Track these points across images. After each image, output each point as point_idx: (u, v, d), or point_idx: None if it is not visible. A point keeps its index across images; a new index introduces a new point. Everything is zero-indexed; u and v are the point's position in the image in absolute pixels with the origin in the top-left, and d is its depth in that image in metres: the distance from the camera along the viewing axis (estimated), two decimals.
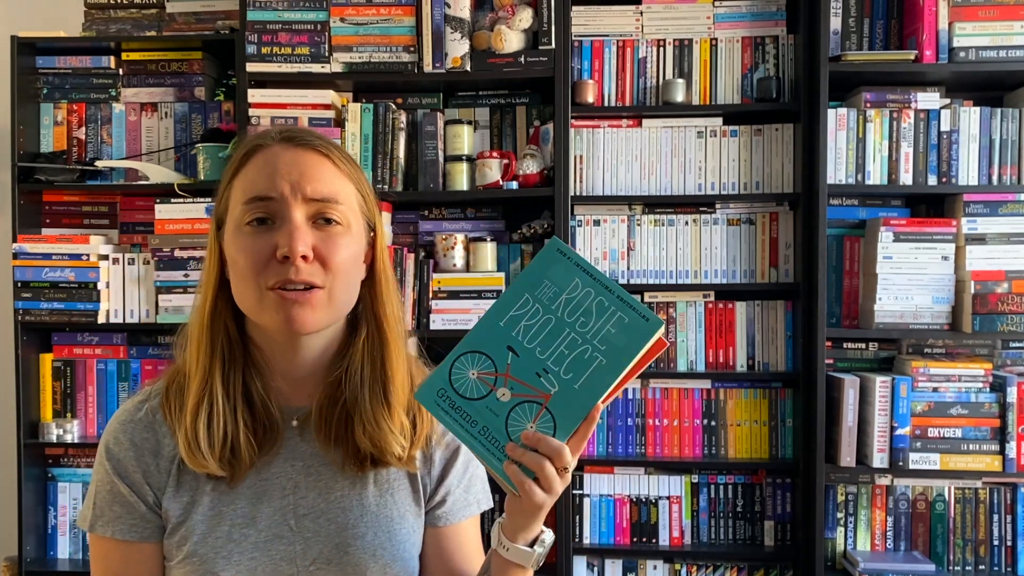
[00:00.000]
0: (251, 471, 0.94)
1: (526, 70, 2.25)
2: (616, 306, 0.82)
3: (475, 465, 1.03)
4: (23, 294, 2.30)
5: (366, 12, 2.26)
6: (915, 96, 2.24)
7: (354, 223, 0.93)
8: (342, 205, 0.92)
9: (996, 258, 2.19)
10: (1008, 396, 2.16)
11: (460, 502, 1.01)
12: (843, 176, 2.24)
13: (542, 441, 0.80)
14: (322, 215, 0.91)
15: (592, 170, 2.36)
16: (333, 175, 0.93)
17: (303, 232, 0.88)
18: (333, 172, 0.93)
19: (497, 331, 0.83)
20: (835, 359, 2.35)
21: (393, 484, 0.98)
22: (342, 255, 0.91)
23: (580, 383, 0.81)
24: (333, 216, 0.91)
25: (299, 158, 0.91)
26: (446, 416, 0.83)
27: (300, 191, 0.90)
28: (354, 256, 0.93)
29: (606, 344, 0.82)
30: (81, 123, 2.43)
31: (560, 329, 0.82)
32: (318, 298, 0.90)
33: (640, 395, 2.38)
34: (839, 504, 2.32)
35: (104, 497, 0.95)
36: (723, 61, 2.35)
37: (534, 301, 0.83)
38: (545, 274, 0.83)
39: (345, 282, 0.92)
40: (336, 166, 0.93)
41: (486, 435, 0.82)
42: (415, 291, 2.27)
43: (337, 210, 0.91)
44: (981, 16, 2.17)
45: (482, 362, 0.83)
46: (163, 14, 2.41)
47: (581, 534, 2.36)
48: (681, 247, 2.36)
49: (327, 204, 0.91)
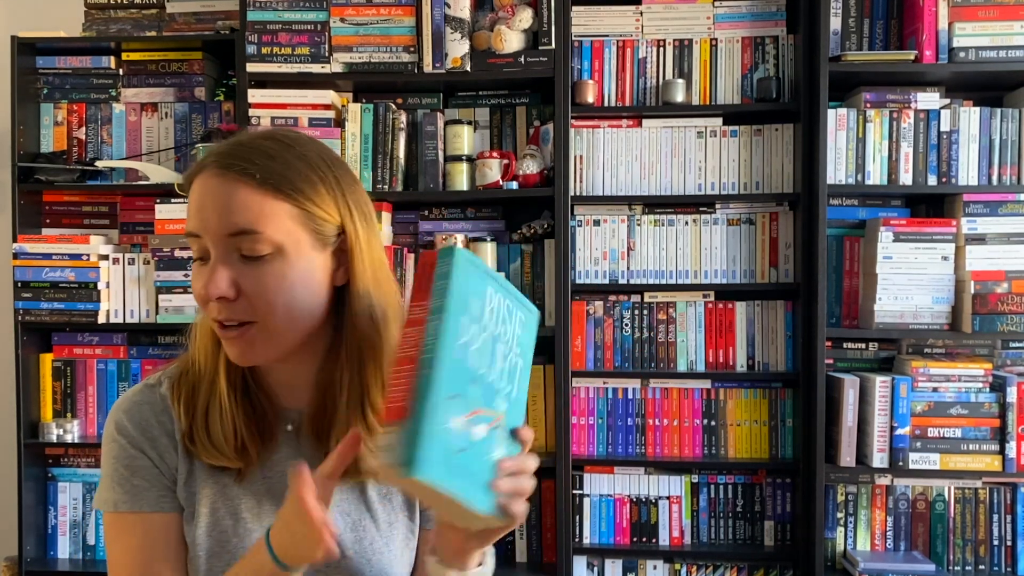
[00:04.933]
0: (259, 469, 0.94)
1: (526, 70, 2.25)
2: (515, 304, 0.81)
3: None
4: (23, 294, 2.30)
5: (366, 12, 2.26)
6: (915, 96, 2.24)
7: (290, 245, 0.85)
8: (265, 232, 0.84)
9: (996, 258, 2.19)
10: (1008, 396, 2.16)
11: None
12: (843, 176, 2.24)
13: (520, 464, 0.78)
14: (240, 250, 0.85)
15: (592, 170, 2.36)
16: (251, 200, 0.84)
17: (219, 273, 0.84)
18: (252, 196, 0.84)
19: (456, 367, 0.72)
20: (835, 359, 2.35)
21: (391, 489, 0.97)
22: (270, 288, 0.85)
23: (516, 391, 0.80)
24: (256, 249, 0.84)
25: (219, 187, 0.85)
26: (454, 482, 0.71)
27: (218, 227, 0.84)
28: (295, 282, 0.86)
29: (520, 345, 0.81)
30: (81, 123, 2.43)
31: (495, 344, 0.78)
32: (252, 335, 0.86)
33: (640, 395, 2.38)
34: (839, 504, 2.32)
35: (122, 473, 0.92)
36: (723, 61, 2.35)
37: (471, 322, 0.75)
38: (468, 290, 0.75)
39: (284, 313, 0.86)
40: (257, 188, 0.84)
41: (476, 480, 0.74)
42: None
43: (260, 240, 0.84)
44: (981, 16, 2.17)
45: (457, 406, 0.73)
46: (163, 14, 2.41)
47: (581, 534, 2.36)
48: (681, 247, 2.36)
49: (245, 237, 0.84)
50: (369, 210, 0.94)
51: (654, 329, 2.37)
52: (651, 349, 2.37)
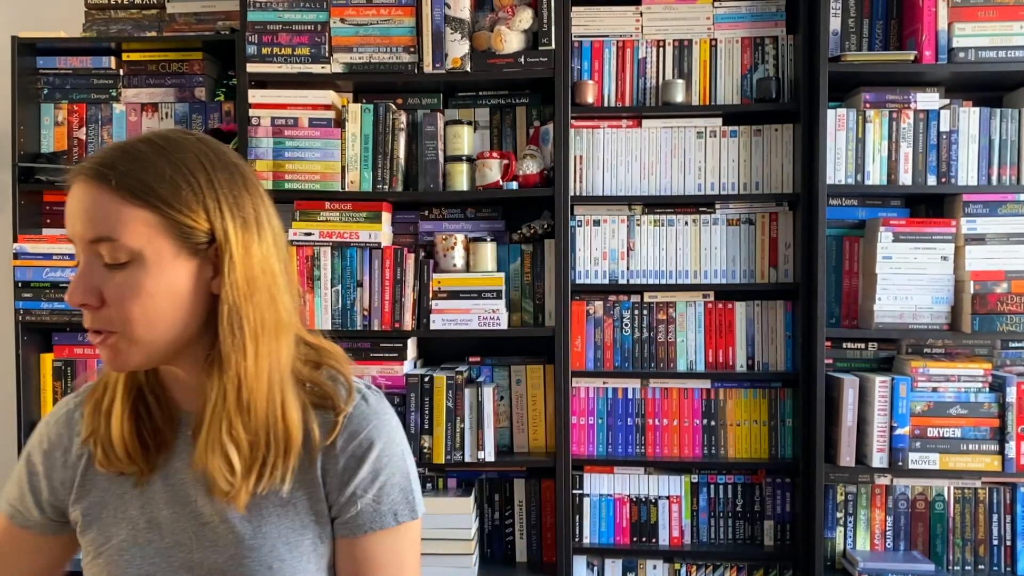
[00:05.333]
0: (158, 475, 0.93)
1: (526, 70, 2.25)
2: None
3: (390, 474, 0.94)
4: (24, 294, 2.30)
5: (366, 13, 2.26)
6: (914, 96, 2.25)
7: (150, 253, 0.83)
8: (121, 240, 0.82)
9: (995, 258, 2.19)
10: (1007, 396, 2.16)
11: (369, 511, 0.93)
12: (843, 176, 2.24)
13: None
14: (103, 257, 0.84)
15: (592, 170, 2.36)
16: (108, 207, 0.83)
17: (79, 281, 0.83)
18: (110, 202, 0.83)
19: None
20: (835, 359, 2.35)
21: (295, 493, 0.93)
22: (126, 297, 0.83)
23: None
24: (115, 256, 0.83)
25: (82, 194, 0.84)
26: None
27: (81, 234, 0.84)
28: (154, 292, 0.84)
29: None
30: (81, 123, 2.43)
31: None
32: (115, 343, 0.85)
33: (640, 395, 2.38)
34: (839, 504, 2.32)
35: (14, 476, 1.00)
36: (723, 61, 2.35)
37: None
38: None
39: (143, 323, 0.84)
40: (114, 194, 0.83)
41: None
42: (415, 291, 2.27)
43: (117, 248, 0.82)
44: (980, 16, 2.18)
45: None
46: (163, 15, 2.42)
47: (581, 534, 2.37)
48: (681, 247, 2.36)
49: (103, 244, 0.83)
50: (254, 215, 0.89)
51: (654, 329, 2.37)
52: (651, 349, 2.38)
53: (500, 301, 2.25)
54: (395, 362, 2.28)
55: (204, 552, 0.91)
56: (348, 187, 2.27)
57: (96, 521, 0.94)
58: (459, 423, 2.24)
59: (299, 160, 2.27)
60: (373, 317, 2.27)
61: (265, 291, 0.88)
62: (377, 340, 2.28)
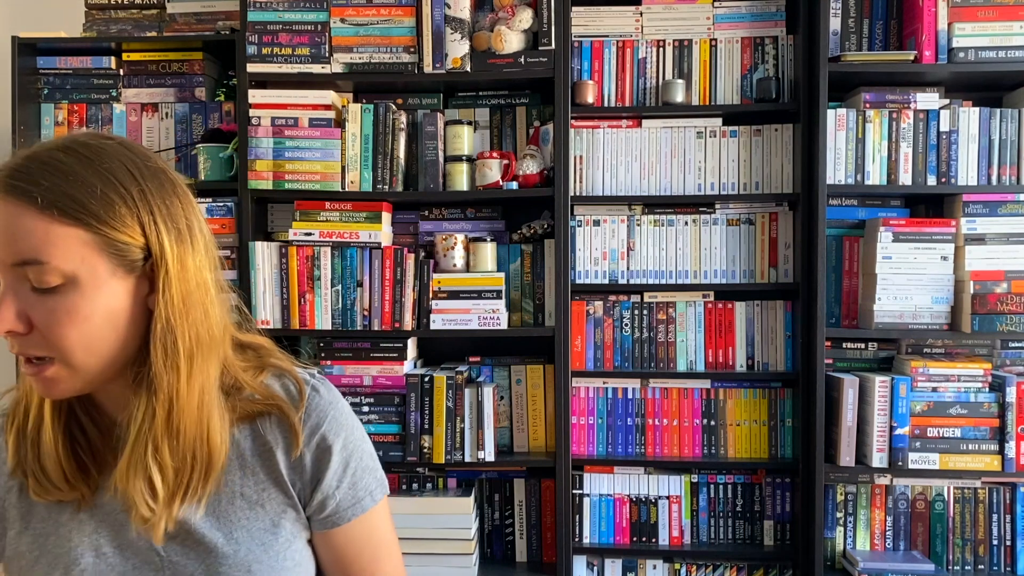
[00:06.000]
0: (107, 496, 0.87)
1: (526, 70, 2.25)
2: None
3: (358, 459, 0.94)
4: None
5: (366, 13, 2.26)
6: (914, 96, 2.25)
7: (84, 274, 0.78)
8: (51, 262, 0.76)
9: (995, 258, 2.19)
10: (1007, 396, 2.17)
11: (347, 501, 0.93)
12: (842, 176, 2.24)
13: None
14: (30, 280, 0.77)
15: (592, 170, 2.36)
16: (35, 227, 0.76)
17: (4, 307, 0.77)
18: (35, 223, 0.76)
19: None
20: (834, 359, 2.35)
21: (263, 495, 0.91)
22: (61, 323, 0.78)
23: None
24: (44, 280, 0.77)
25: (1, 211, 0.77)
26: None
27: (2, 256, 0.77)
28: (89, 315, 0.79)
29: None
30: (82, 123, 2.43)
31: None
32: (53, 370, 0.80)
33: (640, 395, 2.38)
34: (838, 504, 2.32)
35: None
36: (723, 61, 2.35)
37: None
38: None
39: (81, 348, 0.79)
40: (41, 213, 0.76)
41: None
42: (415, 291, 2.27)
43: (47, 271, 0.76)
44: (980, 16, 2.18)
45: None
46: (164, 15, 2.42)
47: (581, 534, 2.37)
48: (681, 247, 2.36)
49: (30, 267, 0.76)
50: (188, 224, 0.85)
51: (654, 329, 2.38)
52: (651, 349, 2.38)
53: (500, 301, 2.25)
54: (395, 362, 2.28)
55: (175, 568, 0.88)
56: (348, 187, 2.27)
57: (44, 555, 0.87)
58: (459, 423, 2.25)
59: (299, 160, 2.27)
60: (373, 317, 2.27)
61: (200, 307, 0.84)
62: (377, 340, 2.28)
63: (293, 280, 2.26)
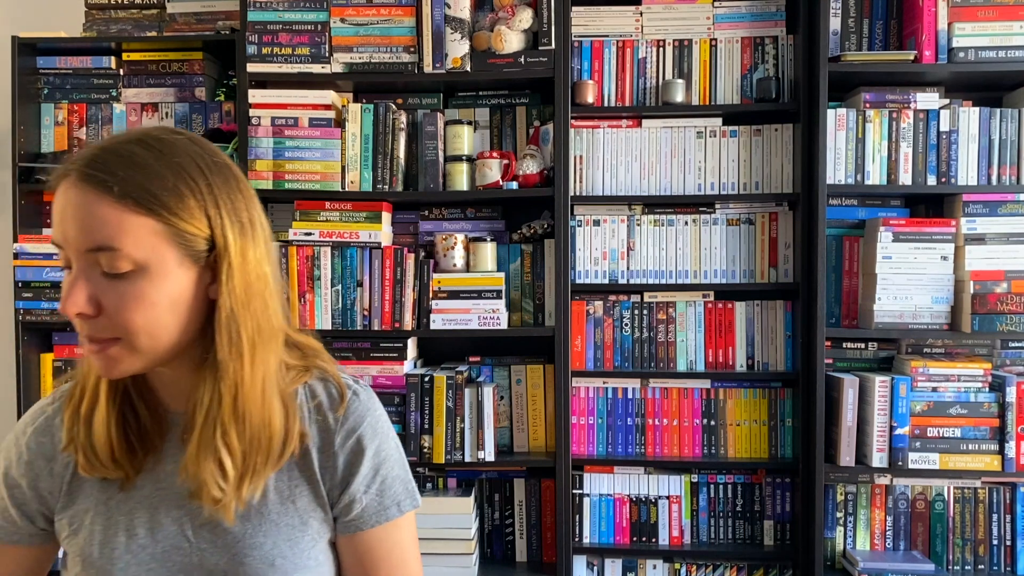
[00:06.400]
0: (147, 478, 0.91)
1: (526, 70, 2.25)
2: None
3: (389, 467, 0.97)
4: (24, 294, 2.30)
5: (366, 13, 2.26)
6: (914, 96, 2.25)
7: (154, 263, 0.82)
8: (124, 249, 0.80)
9: (995, 258, 2.19)
10: (1007, 396, 2.17)
11: (373, 507, 0.95)
12: (842, 176, 2.24)
13: None
14: (101, 266, 0.81)
15: (592, 170, 2.36)
16: (110, 216, 0.80)
17: (76, 290, 0.81)
18: (111, 212, 0.80)
19: None
20: (834, 359, 2.35)
21: (295, 491, 0.93)
22: (129, 307, 0.81)
23: None
24: (115, 266, 0.81)
25: (78, 200, 0.80)
26: None
27: (77, 241, 0.81)
28: (156, 302, 0.83)
29: None
30: (82, 123, 2.43)
31: None
32: (115, 351, 0.83)
33: (640, 395, 2.38)
34: (838, 504, 2.32)
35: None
36: (723, 61, 2.35)
37: None
38: None
39: (145, 332, 0.83)
40: (117, 202, 0.80)
41: None
42: (415, 291, 2.27)
43: (119, 257, 0.80)
44: (980, 16, 2.18)
45: None
46: (164, 14, 2.42)
47: (581, 534, 2.37)
48: (681, 247, 2.36)
49: (102, 254, 0.80)
50: (250, 218, 0.88)
51: (654, 329, 2.38)
52: (651, 349, 2.38)
53: (500, 301, 2.25)
54: (395, 362, 2.28)
55: (203, 554, 0.90)
56: (348, 187, 2.27)
57: (81, 529, 0.91)
58: (459, 423, 2.25)
59: (299, 160, 2.27)
60: (373, 317, 2.27)
61: (260, 297, 0.88)
62: (377, 340, 2.28)
63: (293, 280, 2.26)
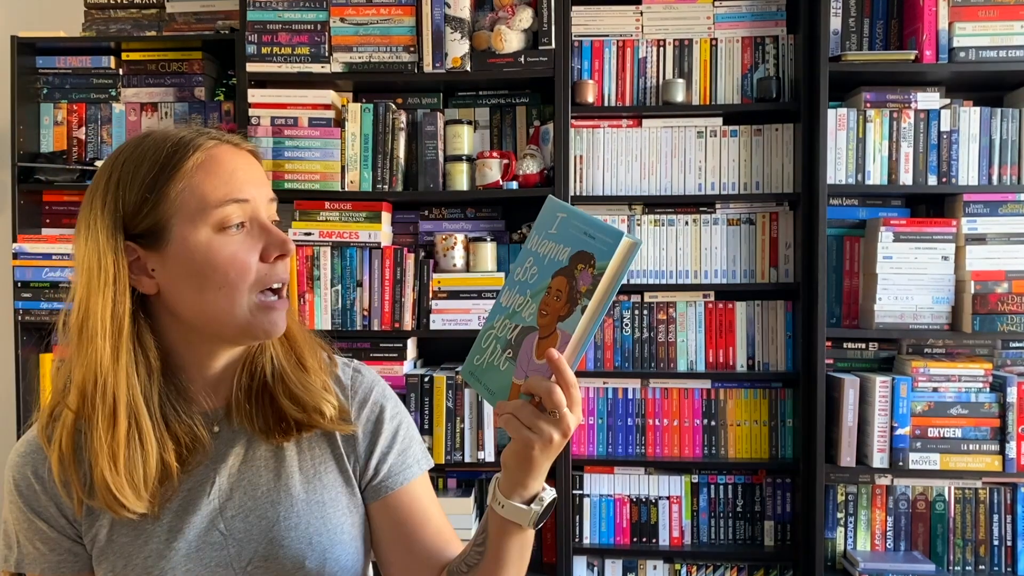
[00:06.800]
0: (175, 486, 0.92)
1: (526, 70, 2.25)
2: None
3: (405, 429, 1.03)
4: (23, 294, 2.30)
5: (366, 12, 2.26)
6: (915, 96, 2.24)
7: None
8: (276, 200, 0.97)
9: (996, 258, 2.19)
10: (1008, 396, 2.16)
11: (397, 466, 1.00)
12: (843, 176, 2.24)
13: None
14: (271, 216, 0.94)
15: (592, 170, 2.36)
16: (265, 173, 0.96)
17: (281, 232, 0.92)
18: (264, 170, 0.97)
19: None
20: (835, 359, 2.35)
21: (319, 468, 0.97)
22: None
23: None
24: (274, 214, 0.95)
25: (250, 161, 0.93)
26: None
27: (261, 193, 0.92)
28: None
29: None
30: (81, 123, 2.43)
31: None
32: (285, 296, 0.94)
33: (640, 395, 2.38)
34: (839, 504, 2.32)
35: (25, 534, 0.92)
36: (723, 61, 2.35)
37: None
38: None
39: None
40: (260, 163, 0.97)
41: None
42: (415, 291, 2.27)
43: (275, 207, 0.96)
44: (981, 16, 2.17)
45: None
46: (163, 14, 2.41)
47: (581, 534, 2.36)
48: (681, 247, 2.36)
49: (272, 204, 0.94)
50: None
51: (654, 329, 2.37)
52: (651, 349, 2.37)
53: None
54: (395, 362, 2.28)
55: (239, 545, 0.92)
56: (348, 187, 2.27)
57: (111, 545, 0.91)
58: (459, 423, 2.24)
59: (299, 160, 2.27)
60: (373, 317, 2.27)
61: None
62: (377, 340, 2.28)
63: (293, 280, 2.26)
